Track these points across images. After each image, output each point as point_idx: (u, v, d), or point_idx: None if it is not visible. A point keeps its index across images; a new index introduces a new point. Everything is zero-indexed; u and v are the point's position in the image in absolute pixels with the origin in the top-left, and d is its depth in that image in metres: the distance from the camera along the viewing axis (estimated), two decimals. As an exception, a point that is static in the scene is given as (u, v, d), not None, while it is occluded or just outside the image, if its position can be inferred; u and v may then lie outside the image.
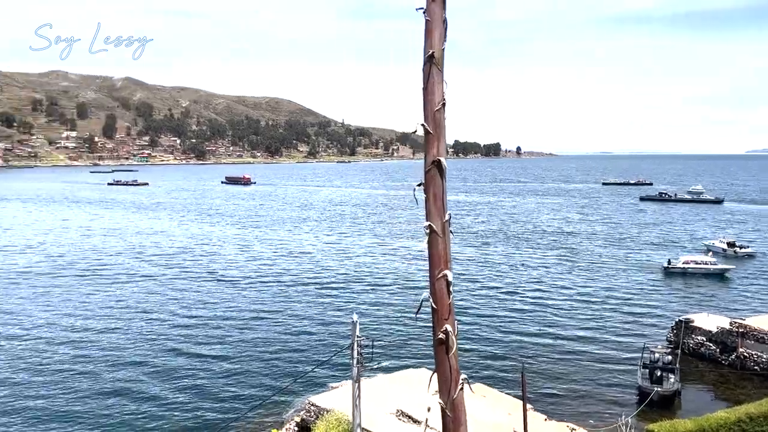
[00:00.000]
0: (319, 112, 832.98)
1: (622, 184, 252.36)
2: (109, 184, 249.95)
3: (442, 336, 9.96)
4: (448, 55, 9.97)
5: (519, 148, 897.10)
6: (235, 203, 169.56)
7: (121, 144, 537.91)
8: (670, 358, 37.29)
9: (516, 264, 76.50)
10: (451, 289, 9.95)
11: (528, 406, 24.51)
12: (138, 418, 33.32)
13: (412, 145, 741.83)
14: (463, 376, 10.12)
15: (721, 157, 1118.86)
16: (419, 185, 10.15)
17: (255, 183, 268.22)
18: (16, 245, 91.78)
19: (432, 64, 9.80)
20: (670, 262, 71.09)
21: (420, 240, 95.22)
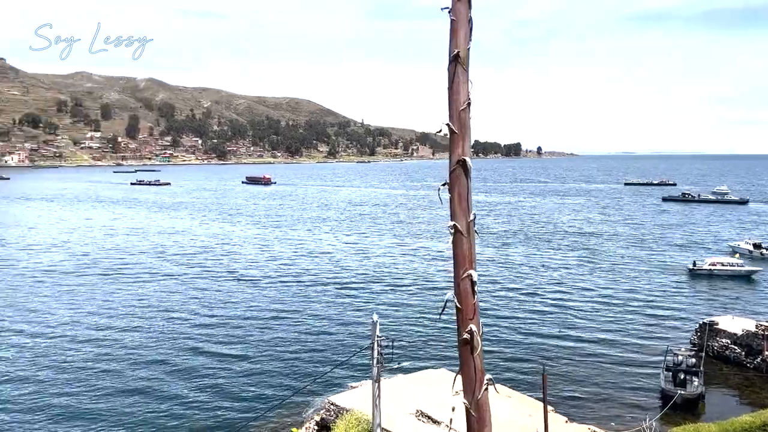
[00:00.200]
0: (339, 112, 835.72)
1: (644, 185, 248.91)
2: (131, 184, 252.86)
3: (467, 336, 9.91)
4: (470, 55, 9.91)
5: (540, 148, 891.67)
6: (255, 203, 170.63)
7: (144, 144, 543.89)
8: (694, 360, 36.80)
9: (536, 265, 75.98)
10: (476, 289, 9.90)
11: (549, 408, 24.34)
12: (159, 416, 33.65)
13: (431, 145, 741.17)
14: (487, 377, 10.06)
15: (745, 157, 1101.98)
16: (444, 185, 10.10)
17: (275, 183, 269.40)
18: (41, 244, 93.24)
19: (457, 63, 9.73)
20: (696, 264, 70.06)
21: (440, 240, 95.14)
